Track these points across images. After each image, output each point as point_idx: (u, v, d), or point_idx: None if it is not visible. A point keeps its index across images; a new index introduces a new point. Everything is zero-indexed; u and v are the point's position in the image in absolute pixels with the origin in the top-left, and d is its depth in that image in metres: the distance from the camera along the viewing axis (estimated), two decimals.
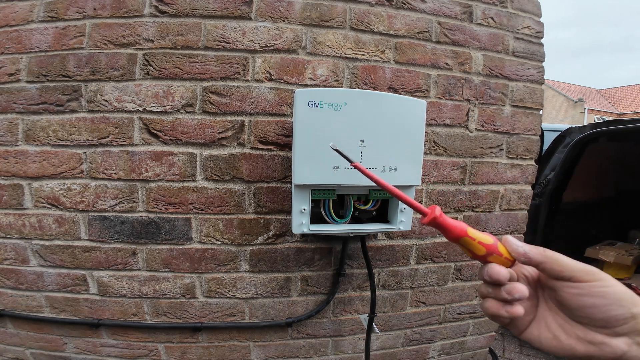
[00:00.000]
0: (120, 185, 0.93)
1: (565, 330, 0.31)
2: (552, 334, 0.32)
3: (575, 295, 0.29)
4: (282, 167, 0.96)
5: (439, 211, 0.32)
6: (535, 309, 0.34)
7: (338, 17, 0.94)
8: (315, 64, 0.94)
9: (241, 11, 0.90)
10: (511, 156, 1.14)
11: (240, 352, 1.07)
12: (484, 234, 0.33)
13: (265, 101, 0.93)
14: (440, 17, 1.01)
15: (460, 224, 0.33)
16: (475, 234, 0.32)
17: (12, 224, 0.96)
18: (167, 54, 0.90)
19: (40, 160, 0.92)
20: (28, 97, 0.91)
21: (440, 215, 0.32)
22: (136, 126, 0.91)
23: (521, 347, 1.89)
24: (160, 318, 1.02)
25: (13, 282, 0.99)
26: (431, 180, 1.06)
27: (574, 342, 0.30)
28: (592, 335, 0.29)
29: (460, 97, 1.05)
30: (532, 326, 0.33)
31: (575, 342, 0.30)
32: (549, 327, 0.32)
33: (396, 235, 1.07)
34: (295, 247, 1.01)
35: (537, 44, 1.13)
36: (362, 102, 0.73)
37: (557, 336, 0.31)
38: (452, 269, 1.16)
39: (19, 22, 0.90)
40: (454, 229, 0.32)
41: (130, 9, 0.88)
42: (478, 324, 1.26)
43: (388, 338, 1.17)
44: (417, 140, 0.79)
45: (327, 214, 0.82)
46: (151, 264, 0.98)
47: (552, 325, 0.32)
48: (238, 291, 1.02)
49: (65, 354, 1.05)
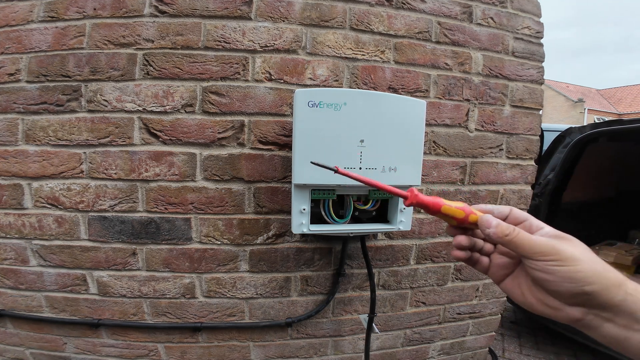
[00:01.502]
0: (120, 185, 0.93)
1: (531, 291, 0.36)
2: (520, 290, 0.38)
3: (531, 269, 0.34)
4: (282, 167, 0.96)
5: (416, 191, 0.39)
6: (515, 266, 0.39)
7: (338, 17, 0.94)
8: (315, 64, 0.94)
9: (241, 11, 0.90)
10: (511, 156, 1.14)
11: (240, 352, 1.07)
12: (454, 201, 0.39)
13: (265, 101, 0.93)
14: (440, 17, 1.01)
15: (435, 198, 0.38)
16: (449, 202, 0.38)
17: (12, 224, 0.96)
18: (167, 54, 0.90)
19: (40, 160, 0.92)
20: (28, 97, 0.91)
21: (417, 194, 0.38)
22: (136, 126, 0.91)
23: (521, 347, 1.89)
24: (160, 318, 1.02)
25: (13, 282, 0.99)
26: (431, 180, 1.06)
27: (535, 302, 0.36)
28: (549, 299, 0.34)
29: (460, 97, 1.05)
30: (508, 280, 0.40)
31: (536, 302, 0.36)
32: (520, 284, 0.38)
33: (396, 235, 1.07)
34: (295, 247, 1.01)
35: (537, 44, 1.13)
36: (362, 102, 0.73)
37: (524, 293, 0.37)
38: (451, 269, 1.16)
39: (19, 22, 0.90)
40: (432, 203, 0.38)
41: (130, 9, 0.88)
42: (478, 324, 1.26)
43: (388, 338, 1.17)
44: (417, 140, 0.79)
45: (327, 214, 0.82)
46: (151, 264, 0.98)
47: (522, 284, 0.37)
48: (238, 291, 1.02)
49: (65, 354, 1.05)
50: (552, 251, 0.32)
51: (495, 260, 0.40)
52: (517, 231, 0.34)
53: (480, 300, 1.22)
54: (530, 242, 0.33)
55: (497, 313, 1.27)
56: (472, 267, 0.42)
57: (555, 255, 0.32)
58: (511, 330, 2.08)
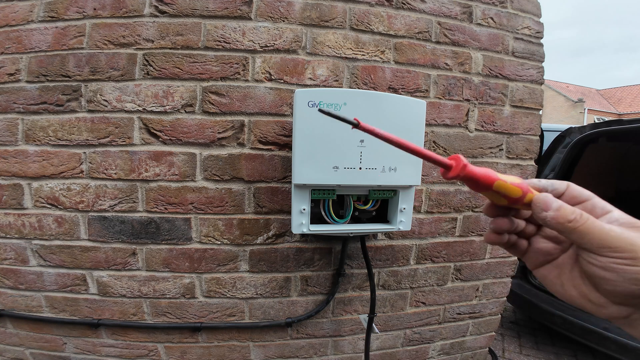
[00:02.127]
0: (120, 185, 0.93)
1: (574, 284, 0.31)
2: (560, 280, 0.32)
3: (590, 264, 0.28)
4: (282, 167, 0.96)
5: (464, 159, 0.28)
6: (560, 252, 0.33)
7: (338, 17, 0.94)
8: (315, 64, 0.94)
9: (241, 11, 0.90)
10: (511, 156, 1.14)
11: (240, 352, 1.07)
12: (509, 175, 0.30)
13: (265, 101, 0.93)
14: (440, 17, 1.01)
15: (487, 170, 0.29)
16: (504, 176, 0.30)
17: (11, 224, 0.96)
18: (167, 54, 0.90)
19: (40, 160, 0.92)
20: (28, 97, 0.91)
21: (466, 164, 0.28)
22: (136, 126, 0.91)
23: (521, 348, 1.89)
24: (160, 318, 1.02)
25: (13, 282, 0.99)
26: (431, 181, 1.06)
27: (576, 296, 0.30)
28: (596, 296, 0.29)
29: (460, 97, 1.05)
30: (547, 267, 0.33)
31: (577, 296, 0.30)
32: (562, 274, 0.32)
33: (396, 236, 1.07)
34: (295, 247, 1.01)
35: (537, 44, 1.13)
36: (362, 102, 0.73)
37: (564, 284, 0.32)
38: (451, 269, 1.16)
39: (19, 22, 0.90)
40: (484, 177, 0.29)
41: (130, 9, 0.88)
42: (478, 324, 1.26)
43: (388, 338, 1.17)
44: (417, 141, 0.79)
45: (327, 214, 0.82)
46: (151, 264, 0.98)
47: (566, 275, 0.32)
48: (238, 291, 1.02)
49: (65, 354, 1.05)
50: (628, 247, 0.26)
51: (537, 244, 0.34)
52: (585, 217, 0.27)
53: (480, 300, 1.22)
54: (602, 233, 0.27)
55: (497, 313, 1.27)
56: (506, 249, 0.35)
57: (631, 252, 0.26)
58: (511, 330, 2.08)
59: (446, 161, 0.29)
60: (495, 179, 0.29)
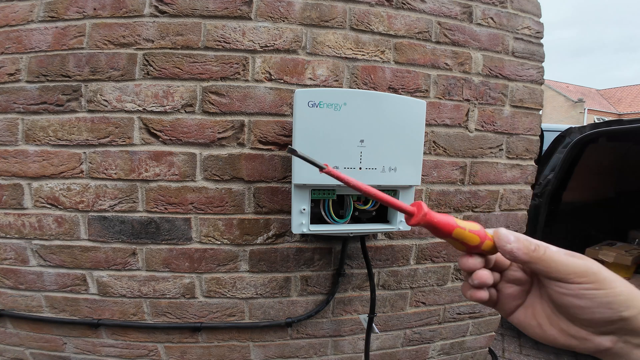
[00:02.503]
0: (120, 185, 0.93)
1: (551, 321, 0.31)
2: (537, 321, 0.32)
3: (562, 295, 0.28)
4: (282, 167, 0.96)
5: (426, 207, 0.29)
6: (525, 294, 0.34)
7: (338, 17, 0.94)
8: (315, 64, 0.94)
9: (241, 11, 0.90)
10: (511, 156, 1.14)
11: (240, 352, 1.07)
12: (468, 222, 0.31)
13: (265, 101, 0.93)
14: (440, 18, 1.01)
15: (447, 217, 0.30)
16: (463, 223, 0.31)
17: (11, 224, 0.96)
18: (167, 54, 0.90)
19: (40, 160, 0.92)
20: (28, 97, 0.91)
21: (427, 212, 0.29)
22: (136, 126, 0.91)
23: (521, 348, 1.89)
24: (160, 318, 1.02)
25: (13, 282, 0.99)
26: (431, 181, 1.06)
27: (557, 334, 0.30)
28: (575, 330, 0.29)
29: (460, 97, 1.05)
30: (520, 311, 0.34)
31: (558, 334, 0.30)
32: (536, 315, 0.32)
33: (396, 236, 1.07)
34: (295, 247, 1.01)
35: (537, 44, 1.13)
36: (362, 102, 0.73)
37: (541, 325, 0.32)
38: (451, 269, 1.16)
39: (19, 22, 0.90)
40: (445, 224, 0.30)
41: (130, 9, 0.88)
42: (478, 324, 1.26)
43: (388, 338, 1.17)
44: (417, 141, 0.79)
45: (327, 214, 0.82)
46: (151, 264, 0.98)
47: (539, 314, 0.32)
48: (238, 291, 1.02)
49: (65, 354, 1.05)
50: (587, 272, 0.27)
51: (505, 290, 0.34)
52: (544, 246, 0.29)
53: None
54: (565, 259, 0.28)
55: (497, 313, 1.27)
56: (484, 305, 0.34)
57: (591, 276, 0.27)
58: (511, 330, 2.08)
59: (408, 208, 0.30)
60: (455, 226, 0.30)
